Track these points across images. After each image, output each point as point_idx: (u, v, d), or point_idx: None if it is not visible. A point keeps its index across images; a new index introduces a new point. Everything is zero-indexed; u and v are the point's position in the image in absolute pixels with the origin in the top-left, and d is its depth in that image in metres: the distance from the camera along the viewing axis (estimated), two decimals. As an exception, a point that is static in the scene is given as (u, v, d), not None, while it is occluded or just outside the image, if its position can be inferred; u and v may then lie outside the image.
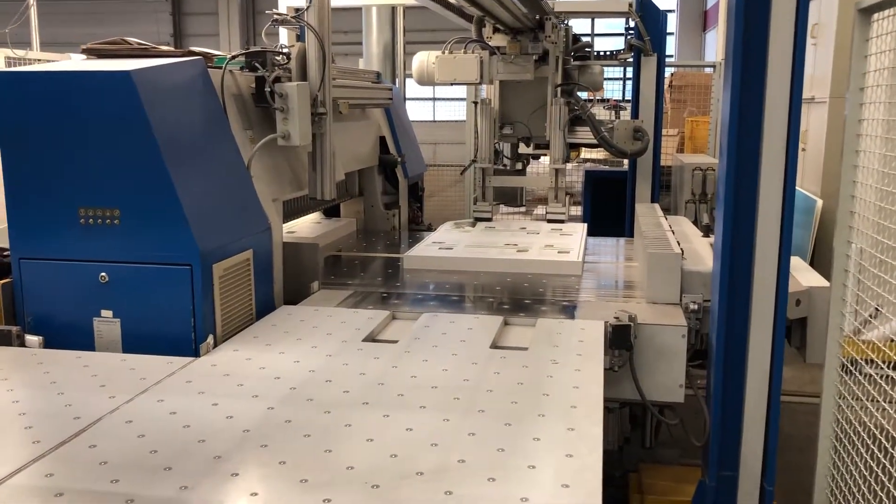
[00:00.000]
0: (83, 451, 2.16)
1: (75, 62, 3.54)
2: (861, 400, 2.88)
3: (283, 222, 3.99)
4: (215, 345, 3.11)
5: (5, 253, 3.33)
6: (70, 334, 3.14)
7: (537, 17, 5.28)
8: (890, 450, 2.54)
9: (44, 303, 3.18)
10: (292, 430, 2.32)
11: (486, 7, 4.50)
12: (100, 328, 3.14)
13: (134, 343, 3.10)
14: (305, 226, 5.32)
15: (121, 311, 3.12)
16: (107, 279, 3.11)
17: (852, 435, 2.92)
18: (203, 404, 2.50)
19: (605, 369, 3.01)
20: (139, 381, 2.69)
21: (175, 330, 3.06)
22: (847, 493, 2.89)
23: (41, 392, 2.62)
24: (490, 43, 5.46)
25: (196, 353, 3.02)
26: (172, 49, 3.67)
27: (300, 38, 5.19)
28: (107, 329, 3.13)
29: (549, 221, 5.83)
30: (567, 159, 6.05)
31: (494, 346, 3.15)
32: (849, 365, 3.02)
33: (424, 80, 5.77)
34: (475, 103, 6.37)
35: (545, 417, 2.40)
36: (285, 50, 3.87)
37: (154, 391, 2.61)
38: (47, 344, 3.10)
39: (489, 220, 5.97)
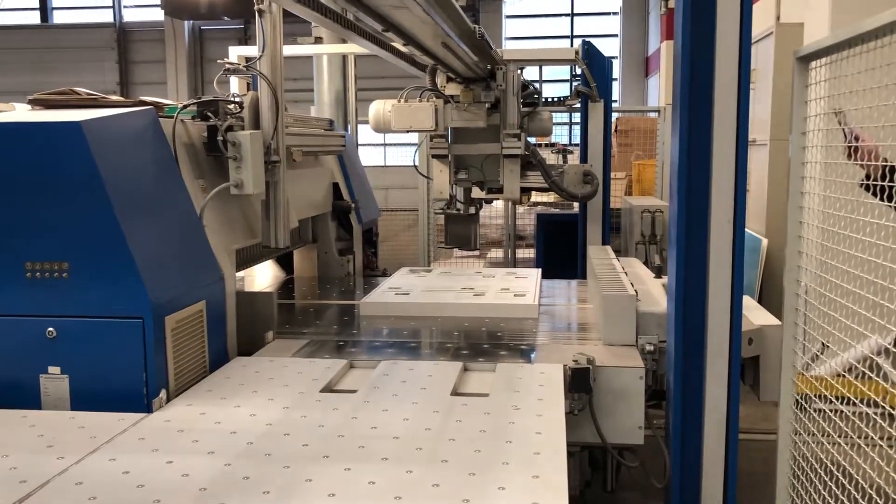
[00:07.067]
0: (30, 517, 2.07)
1: (21, 112, 3.48)
2: (815, 435, 2.92)
3: (236, 271, 3.93)
4: (168, 399, 3.03)
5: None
6: (14, 392, 3.02)
7: (488, 66, 5.37)
8: (847, 486, 2.58)
9: (-13, 360, 3.06)
10: (251, 486, 2.25)
11: (438, 56, 4.56)
12: (46, 385, 3.03)
13: (83, 400, 2.99)
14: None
15: (69, 367, 3.02)
16: (54, 334, 3.01)
17: (809, 471, 2.95)
18: (157, 462, 2.42)
19: (566, 413, 3.01)
20: (89, 439, 2.60)
21: (126, 385, 2.97)
22: (807, 530, 2.91)
23: (-16, 455, 2.51)
24: (444, 92, 5.53)
25: (148, 409, 2.94)
26: (123, 99, 3.63)
27: (251, 86, 5.18)
28: (54, 386, 3.02)
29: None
30: (519, 202, 6.09)
31: (455, 392, 3.13)
32: (802, 401, 3.08)
33: (381, 128, 5.79)
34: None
35: (509, 465, 2.37)
36: (238, 99, 3.86)
37: (105, 450, 2.52)
38: (-9, 403, 2.99)
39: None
